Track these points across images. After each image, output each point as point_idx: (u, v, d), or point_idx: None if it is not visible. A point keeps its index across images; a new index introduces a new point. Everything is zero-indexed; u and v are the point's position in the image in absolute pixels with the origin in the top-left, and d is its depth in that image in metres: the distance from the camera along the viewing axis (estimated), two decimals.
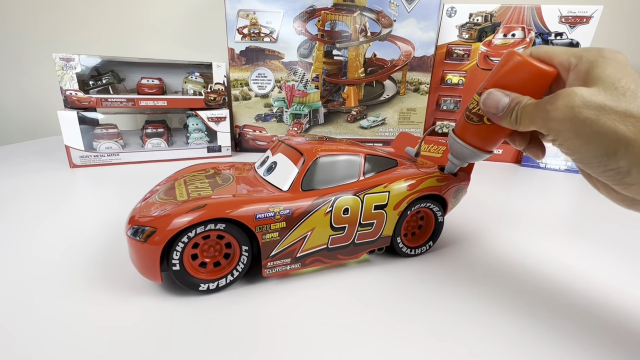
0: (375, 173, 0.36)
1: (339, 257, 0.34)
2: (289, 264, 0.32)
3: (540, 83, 0.25)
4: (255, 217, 0.29)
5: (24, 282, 0.31)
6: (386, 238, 0.36)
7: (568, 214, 0.52)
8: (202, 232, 0.28)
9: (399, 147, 0.46)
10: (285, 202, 0.31)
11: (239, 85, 0.77)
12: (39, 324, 0.26)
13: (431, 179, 0.36)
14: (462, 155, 0.32)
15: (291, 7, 0.72)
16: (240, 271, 0.31)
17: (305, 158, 0.33)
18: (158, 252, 0.27)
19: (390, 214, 0.35)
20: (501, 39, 0.76)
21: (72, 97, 0.65)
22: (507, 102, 0.25)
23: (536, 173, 0.72)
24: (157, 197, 0.32)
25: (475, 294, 0.32)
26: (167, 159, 0.73)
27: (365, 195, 0.33)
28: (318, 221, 0.32)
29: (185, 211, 0.28)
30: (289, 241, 0.31)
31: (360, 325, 0.27)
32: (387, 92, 0.79)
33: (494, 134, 0.29)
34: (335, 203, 0.32)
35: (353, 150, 0.35)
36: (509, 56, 0.26)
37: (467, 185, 0.40)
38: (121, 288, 0.31)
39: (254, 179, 0.36)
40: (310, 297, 0.31)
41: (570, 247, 0.41)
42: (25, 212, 0.46)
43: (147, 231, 0.27)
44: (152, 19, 0.88)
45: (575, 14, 0.72)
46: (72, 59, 0.63)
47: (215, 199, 0.29)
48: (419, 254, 0.38)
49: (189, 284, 0.29)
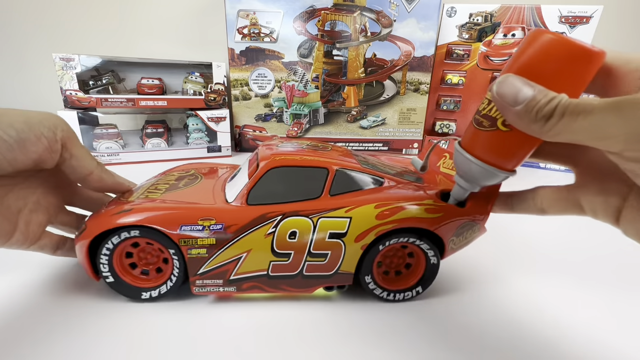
0: (345, 192, 0.29)
1: (284, 288, 0.29)
2: (222, 286, 0.28)
3: (582, 70, 0.18)
4: (180, 228, 0.26)
5: (24, 283, 0.31)
6: (346, 275, 0.29)
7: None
8: (120, 241, 0.27)
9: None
10: (221, 215, 0.27)
11: (239, 85, 0.77)
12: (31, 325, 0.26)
13: (416, 209, 0.28)
14: (471, 175, 0.24)
15: (291, 7, 0.72)
16: (177, 276, 0.28)
17: (259, 166, 0.29)
18: (86, 245, 0.27)
19: (351, 246, 0.28)
20: (501, 39, 0.76)
21: (72, 97, 0.64)
22: (530, 95, 0.18)
23: (536, 173, 0.72)
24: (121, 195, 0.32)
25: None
26: (167, 159, 0.73)
27: (320, 218, 0.27)
28: (256, 243, 0.27)
29: (109, 215, 0.27)
30: (219, 261, 0.27)
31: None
32: (387, 92, 0.79)
33: (513, 143, 0.21)
34: (280, 224, 0.27)
35: (322, 161, 0.29)
36: (534, 35, 0.19)
37: (483, 221, 0.29)
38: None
39: (216, 186, 0.33)
40: (242, 322, 0.27)
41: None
42: None
43: (81, 227, 0.28)
44: (152, 19, 0.88)
45: (575, 14, 0.72)
46: (72, 59, 0.63)
47: (139, 204, 0.28)
48: (401, 300, 0.30)
49: (129, 293, 0.28)
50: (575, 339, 0.27)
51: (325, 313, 0.29)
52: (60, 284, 0.31)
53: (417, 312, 0.29)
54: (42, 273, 0.33)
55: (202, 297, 0.30)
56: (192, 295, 0.30)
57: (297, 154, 0.30)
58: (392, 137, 0.82)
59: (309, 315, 0.28)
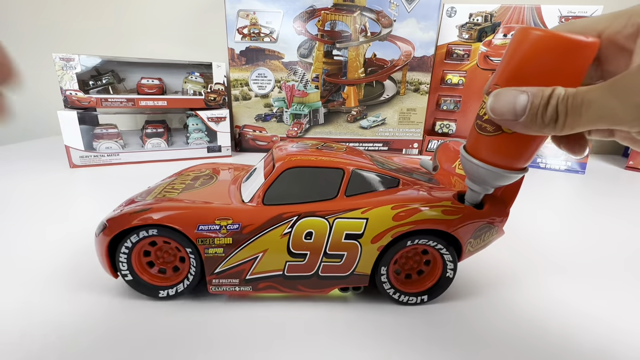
0: (361, 193, 0.29)
1: (299, 288, 0.29)
2: (238, 285, 0.28)
3: (577, 63, 0.18)
4: (198, 227, 0.27)
5: (24, 282, 0.31)
6: (362, 276, 0.29)
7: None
8: (138, 240, 0.27)
9: (443, 161, 0.37)
10: (238, 215, 0.27)
11: (239, 85, 0.77)
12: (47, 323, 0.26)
13: (433, 210, 0.27)
14: (481, 179, 0.24)
15: (291, 7, 0.72)
16: (194, 275, 0.28)
17: (275, 167, 0.29)
18: (105, 242, 0.27)
19: (367, 247, 0.27)
20: (501, 39, 0.76)
21: (72, 97, 0.64)
22: (526, 103, 0.18)
23: (536, 173, 0.72)
24: (139, 194, 0.32)
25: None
26: (167, 159, 0.73)
27: (337, 219, 0.27)
28: (272, 243, 0.27)
29: (127, 214, 0.27)
30: (235, 260, 0.27)
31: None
32: (387, 92, 0.79)
33: (520, 144, 0.21)
34: (297, 224, 0.27)
35: (338, 162, 0.29)
36: (522, 34, 0.18)
37: (501, 223, 0.29)
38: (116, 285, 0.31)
39: (232, 186, 0.33)
40: (258, 319, 0.27)
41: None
42: (25, 212, 0.46)
43: (101, 225, 0.28)
44: (152, 19, 0.88)
45: (575, 14, 0.72)
46: (72, 59, 0.63)
47: (157, 204, 0.28)
48: (405, 302, 0.30)
49: (147, 292, 0.29)
50: (593, 341, 0.26)
51: (341, 314, 0.28)
52: (75, 281, 0.31)
53: (432, 315, 0.29)
54: (40, 272, 0.33)
55: (218, 296, 0.30)
56: (208, 295, 0.30)
57: (312, 155, 0.30)
58: (392, 137, 0.82)
59: (324, 316, 0.28)
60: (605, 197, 0.59)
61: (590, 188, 0.64)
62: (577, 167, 0.73)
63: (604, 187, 0.65)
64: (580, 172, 0.72)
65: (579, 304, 0.31)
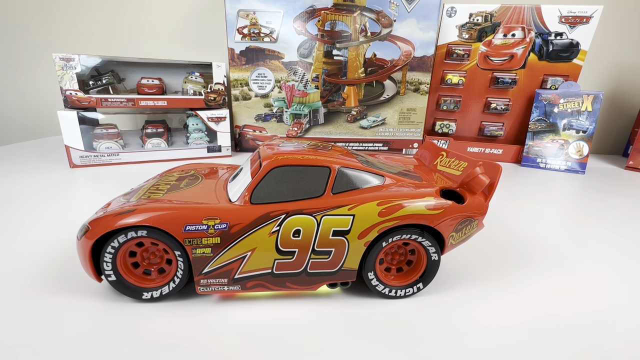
0: (347, 190, 0.29)
1: (288, 286, 0.29)
2: (226, 285, 0.28)
3: None
4: (185, 228, 0.27)
5: (24, 282, 0.31)
6: (350, 272, 0.29)
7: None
8: (126, 241, 0.27)
9: (421, 159, 0.40)
10: (226, 214, 0.27)
11: (239, 85, 0.77)
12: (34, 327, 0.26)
13: (417, 206, 0.28)
14: None
15: (291, 7, 0.72)
16: (180, 278, 0.28)
17: (262, 166, 0.29)
18: (89, 246, 0.27)
19: (354, 243, 0.28)
20: (501, 39, 0.76)
21: (72, 97, 0.64)
22: None
23: (536, 173, 0.72)
24: (121, 196, 0.32)
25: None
26: (167, 159, 0.73)
27: (324, 216, 0.28)
28: (260, 241, 0.27)
29: (112, 215, 0.27)
30: (224, 260, 0.28)
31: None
32: (387, 92, 0.79)
33: None
34: (285, 222, 0.27)
35: (324, 160, 0.29)
36: None
37: (481, 217, 0.31)
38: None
39: (217, 186, 0.33)
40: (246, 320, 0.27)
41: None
42: (25, 212, 0.46)
43: (84, 228, 0.27)
44: (152, 19, 0.88)
45: (575, 14, 0.72)
46: (72, 59, 0.63)
47: (142, 205, 0.28)
48: (403, 296, 0.31)
49: (130, 293, 0.28)
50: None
51: (329, 310, 0.29)
52: (59, 283, 0.31)
53: (420, 309, 0.29)
54: (40, 272, 0.33)
55: (206, 297, 0.30)
56: (196, 295, 0.30)
57: (299, 153, 0.30)
58: (392, 137, 0.82)
59: (313, 313, 0.28)
60: (605, 197, 0.59)
61: (590, 188, 0.64)
62: (577, 167, 0.73)
63: (604, 187, 0.65)
64: (580, 172, 0.72)
65: (579, 304, 0.31)
